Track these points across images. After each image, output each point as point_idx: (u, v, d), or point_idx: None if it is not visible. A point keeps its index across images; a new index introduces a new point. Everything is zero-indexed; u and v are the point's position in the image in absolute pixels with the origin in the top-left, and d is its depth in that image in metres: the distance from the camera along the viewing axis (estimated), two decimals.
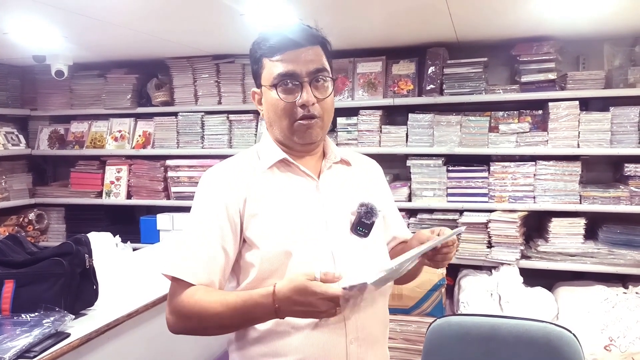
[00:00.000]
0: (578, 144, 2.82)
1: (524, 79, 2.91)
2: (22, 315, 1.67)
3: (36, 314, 1.66)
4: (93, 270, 1.89)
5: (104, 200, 3.64)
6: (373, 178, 1.43)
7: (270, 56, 1.23)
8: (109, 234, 3.02)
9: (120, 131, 3.64)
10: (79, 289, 1.81)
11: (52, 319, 1.65)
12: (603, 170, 3.03)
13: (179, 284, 1.19)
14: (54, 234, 3.81)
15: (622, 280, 2.82)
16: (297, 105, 1.22)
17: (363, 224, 1.27)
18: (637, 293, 2.64)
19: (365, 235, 1.28)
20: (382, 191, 1.43)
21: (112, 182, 3.61)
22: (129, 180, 3.60)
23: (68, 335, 1.65)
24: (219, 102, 3.43)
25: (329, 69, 1.27)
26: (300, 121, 1.23)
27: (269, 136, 1.33)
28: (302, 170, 1.29)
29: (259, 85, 1.30)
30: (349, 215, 1.28)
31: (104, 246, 2.97)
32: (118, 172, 3.60)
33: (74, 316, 1.72)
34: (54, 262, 1.80)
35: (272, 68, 1.23)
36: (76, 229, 3.56)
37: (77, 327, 1.70)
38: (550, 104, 2.85)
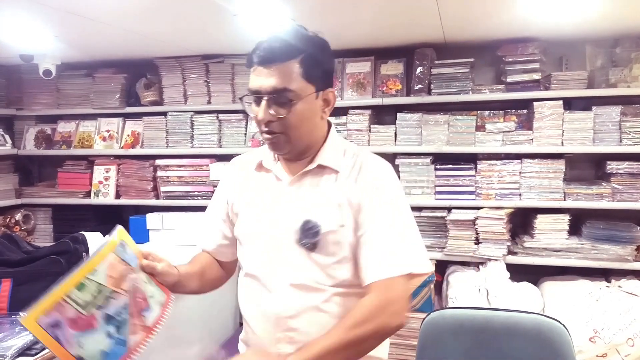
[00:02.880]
0: (562, 143, 2.89)
1: (510, 79, 2.97)
2: (21, 314, 1.67)
3: None
4: None
5: (92, 200, 3.62)
6: (360, 188, 1.30)
7: (249, 67, 1.29)
8: (98, 234, 3.00)
9: (108, 131, 3.62)
10: None
11: None
12: (586, 168, 3.11)
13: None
14: (41, 234, 3.77)
15: (605, 274, 2.90)
16: (257, 120, 1.28)
17: (307, 240, 1.28)
18: (619, 287, 2.72)
19: (312, 249, 1.28)
20: (364, 203, 1.28)
21: (100, 182, 3.59)
22: (117, 180, 3.58)
23: None
24: (209, 102, 3.43)
25: (298, 86, 1.23)
26: (264, 134, 1.29)
27: None
28: (274, 173, 1.38)
29: None
30: (297, 228, 1.29)
31: (94, 246, 2.97)
32: (106, 172, 3.58)
33: None
34: (52, 261, 1.82)
35: (249, 80, 1.29)
36: (64, 230, 3.54)
37: None
38: (535, 103, 2.91)
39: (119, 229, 1.22)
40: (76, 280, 1.08)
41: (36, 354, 1.50)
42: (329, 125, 1.40)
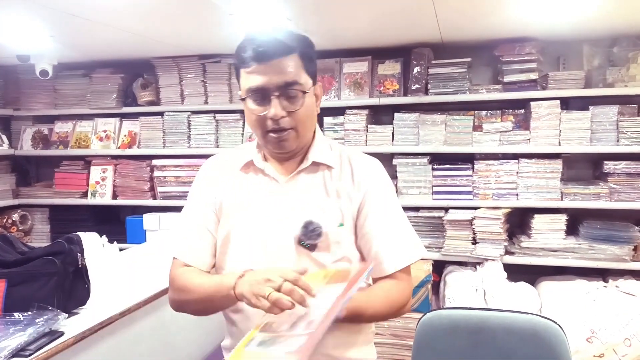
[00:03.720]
0: (559, 142, 2.88)
1: (507, 79, 2.96)
2: (15, 315, 1.66)
3: (29, 313, 1.66)
4: (85, 269, 1.89)
5: (89, 201, 3.61)
6: (354, 186, 1.31)
7: (244, 67, 1.23)
8: (95, 234, 2.98)
9: (105, 131, 3.61)
10: (72, 288, 1.81)
11: (45, 317, 1.65)
12: (583, 168, 3.10)
13: (175, 262, 1.37)
14: (38, 234, 3.77)
15: (602, 274, 2.90)
16: (267, 117, 1.23)
17: (308, 240, 1.26)
18: (616, 287, 2.72)
19: (312, 249, 1.26)
20: (364, 198, 1.30)
21: (97, 182, 3.58)
22: (114, 180, 3.58)
23: (62, 333, 1.65)
24: (206, 102, 3.42)
25: (304, 79, 1.24)
26: (271, 133, 1.25)
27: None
28: (267, 173, 1.34)
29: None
30: (295, 228, 1.26)
31: (90, 246, 2.95)
32: (103, 172, 3.57)
33: (67, 315, 1.72)
34: (47, 261, 1.79)
35: (245, 80, 1.24)
36: (61, 230, 3.53)
37: (71, 326, 1.70)
38: (532, 103, 2.91)
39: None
40: None
41: (30, 354, 1.50)
42: None
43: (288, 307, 1.05)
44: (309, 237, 1.25)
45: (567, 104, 2.97)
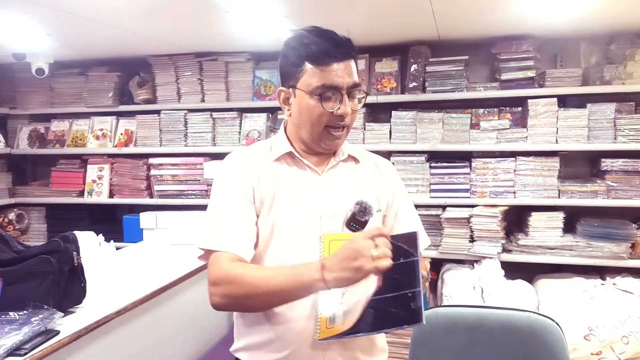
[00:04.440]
0: (556, 140, 2.88)
1: (504, 76, 2.96)
2: (10, 314, 1.65)
3: (25, 312, 1.65)
4: (81, 268, 1.88)
5: (86, 199, 3.60)
6: (383, 176, 1.44)
7: (316, 63, 1.26)
8: (92, 233, 2.99)
9: (102, 129, 3.60)
10: (67, 287, 1.80)
11: (41, 316, 1.64)
12: (581, 166, 3.10)
13: (220, 255, 1.24)
14: (35, 234, 3.75)
15: (600, 272, 2.90)
16: (334, 114, 1.27)
17: (357, 221, 1.29)
18: (614, 284, 2.72)
19: (359, 231, 1.29)
20: (391, 189, 1.44)
21: (94, 181, 3.57)
22: (111, 179, 3.57)
23: (58, 332, 1.64)
24: (202, 100, 3.41)
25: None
26: (333, 130, 1.30)
27: (283, 131, 1.41)
28: (306, 164, 1.36)
29: (290, 86, 1.32)
30: (345, 211, 1.32)
31: (87, 245, 2.95)
32: (100, 170, 3.56)
33: (62, 314, 1.71)
34: (42, 260, 1.78)
35: (316, 76, 1.26)
36: (57, 229, 3.52)
37: (66, 325, 1.70)
38: (529, 101, 2.90)
39: None
40: None
41: (25, 354, 1.49)
42: None
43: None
44: (362, 216, 1.27)
45: (564, 101, 2.97)
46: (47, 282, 1.74)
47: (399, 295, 1.11)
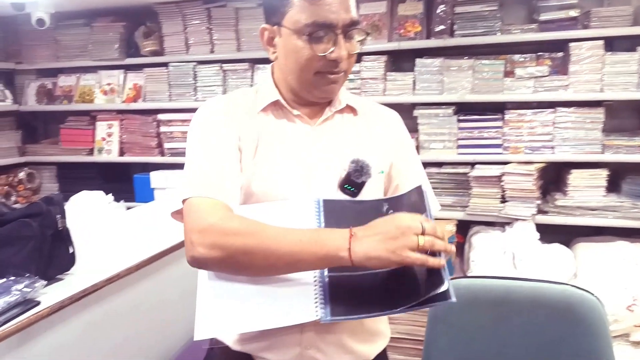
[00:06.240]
0: (601, 88, 2.59)
1: (543, 17, 2.67)
2: None
3: (4, 280, 1.52)
4: (67, 233, 1.74)
5: (96, 158, 3.48)
6: (386, 129, 1.24)
7: None
8: (100, 193, 2.88)
9: (109, 84, 3.45)
10: (52, 253, 1.66)
11: (21, 285, 1.52)
12: (628, 117, 2.80)
13: (206, 202, 1.03)
14: (47, 193, 3.66)
15: None
16: (326, 58, 1.08)
17: (352, 182, 1.12)
18: None
19: (354, 194, 1.12)
20: (396, 146, 1.24)
21: (103, 139, 3.45)
22: (121, 137, 3.43)
23: (37, 303, 1.51)
24: (212, 51, 3.21)
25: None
26: (327, 75, 1.11)
27: (270, 76, 1.20)
28: (295, 115, 1.16)
29: (274, 23, 1.11)
30: (339, 170, 1.13)
31: (95, 206, 2.84)
32: (109, 127, 3.43)
33: (45, 282, 1.57)
34: (22, 224, 1.65)
35: (305, 12, 1.06)
36: (69, 188, 3.41)
37: (50, 294, 1.56)
38: (571, 44, 2.61)
39: None
40: None
41: (5, 322, 1.37)
42: None
43: (443, 249, 0.93)
44: (358, 177, 1.12)
45: (611, 44, 2.66)
46: (27, 247, 1.61)
47: (416, 268, 0.93)
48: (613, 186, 2.65)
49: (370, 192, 1.15)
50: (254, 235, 0.97)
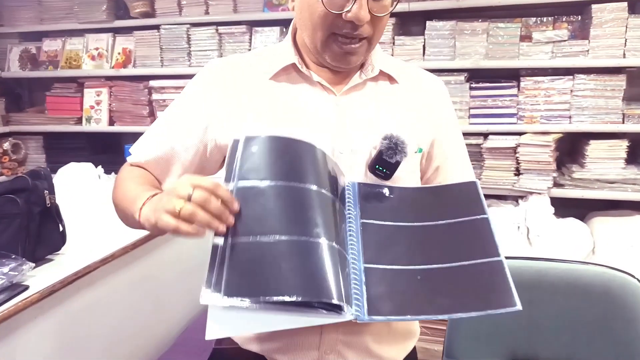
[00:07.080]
0: (624, 54, 2.43)
1: None
2: None
3: None
4: (56, 209, 1.62)
5: (85, 127, 3.29)
6: (430, 101, 1.08)
7: None
8: (90, 165, 2.72)
9: (97, 49, 3.23)
10: (40, 232, 1.55)
11: (6, 268, 1.38)
12: None
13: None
14: (33, 165, 3.48)
15: None
16: (343, 18, 0.90)
17: (384, 163, 0.95)
18: None
19: (387, 177, 0.97)
20: (439, 120, 1.09)
21: (91, 107, 3.25)
22: (110, 105, 3.24)
23: (26, 287, 1.38)
24: (206, 12, 3.00)
25: None
26: (342, 39, 0.94)
27: (291, 36, 1.03)
28: (316, 81, 0.99)
29: None
30: (370, 149, 0.98)
31: (84, 178, 2.69)
32: (98, 95, 3.23)
33: (34, 264, 1.44)
34: (7, 201, 1.53)
35: None
36: (56, 159, 3.25)
37: (40, 277, 1.44)
38: (593, 6, 2.44)
39: None
40: None
41: None
42: None
43: (206, 224, 0.77)
44: (392, 155, 0.95)
45: (634, 7, 2.49)
46: (13, 226, 1.50)
47: (467, 267, 0.80)
48: (633, 158, 2.52)
49: (405, 174, 1.00)
50: (116, 188, 1.05)
